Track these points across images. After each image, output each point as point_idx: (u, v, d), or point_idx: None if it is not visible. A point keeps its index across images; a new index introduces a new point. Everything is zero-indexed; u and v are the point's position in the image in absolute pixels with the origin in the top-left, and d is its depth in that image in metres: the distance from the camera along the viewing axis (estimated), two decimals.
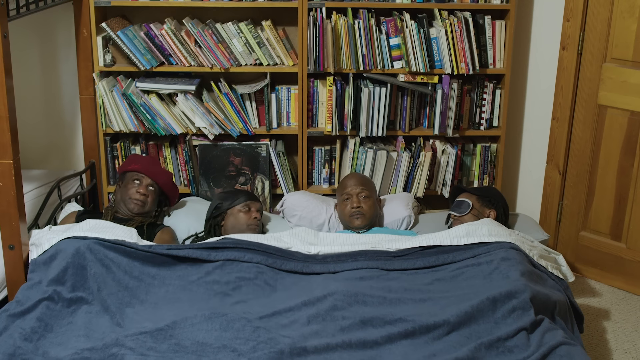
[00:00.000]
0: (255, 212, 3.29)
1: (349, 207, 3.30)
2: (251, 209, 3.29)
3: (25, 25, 3.75)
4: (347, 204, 3.32)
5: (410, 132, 3.74)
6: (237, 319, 2.44)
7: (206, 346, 2.34)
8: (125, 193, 3.24)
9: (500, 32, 3.64)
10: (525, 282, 2.57)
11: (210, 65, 3.59)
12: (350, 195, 3.32)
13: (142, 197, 3.22)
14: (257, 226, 3.27)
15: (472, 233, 2.97)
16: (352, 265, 2.81)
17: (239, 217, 3.26)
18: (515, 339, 2.35)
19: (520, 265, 2.70)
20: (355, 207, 3.28)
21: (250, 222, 3.25)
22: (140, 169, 3.27)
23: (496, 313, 2.46)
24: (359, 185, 3.35)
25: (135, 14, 3.71)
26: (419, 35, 3.53)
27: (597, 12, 3.47)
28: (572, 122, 3.67)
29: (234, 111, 3.64)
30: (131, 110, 3.62)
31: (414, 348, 2.34)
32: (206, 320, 2.44)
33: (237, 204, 3.29)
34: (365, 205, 3.30)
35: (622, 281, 3.65)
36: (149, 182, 3.26)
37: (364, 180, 3.42)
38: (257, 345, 2.33)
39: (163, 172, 3.36)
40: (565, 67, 3.61)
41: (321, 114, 3.72)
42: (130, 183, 3.25)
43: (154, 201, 3.29)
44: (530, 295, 2.49)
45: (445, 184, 3.77)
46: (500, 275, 2.65)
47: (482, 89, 3.72)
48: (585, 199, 3.69)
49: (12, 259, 2.85)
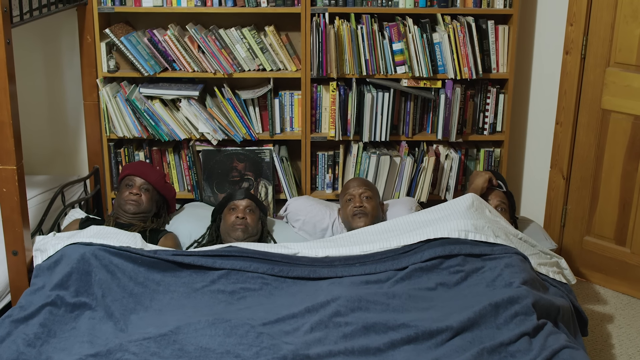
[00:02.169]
0: (240, 211, 3.21)
1: (351, 207, 3.28)
2: (237, 208, 3.23)
3: (29, 31, 3.76)
4: (349, 204, 3.30)
5: (414, 137, 3.74)
6: (240, 324, 2.44)
7: (209, 351, 2.33)
8: (120, 198, 3.27)
9: (503, 36, 3.64)
10: (528, 289, 2.56)
11: (214, 71, 3.60)
12: (353, 196, 3.31)
13: (135, 196, 3.23)
14: (243, 226, 3.18)
15: (480, 229, 2.93)
16: (360, 270, 2.80)
17: (227, 219, 3.22)
18: (518, 343, 2.34)
19: (524, 273, 2.69)
20: (357, 206, 3.27)
21: (233, 221, 3.19)
22: (130, 172, 3.30)
23: (498, 318, 2.45)
24: (361, 186, 3.35)
25: (138, 20, 3.72)
26: (422, 40, 3.53)
27: (600, 17, 3.46)
28: (576, 126, 3.66)
29: (237, 117, 3.64)
30: (135, 116, 3.62)
31: (417, 353, 2.33)
32: (210, 325, 2.44)
33: (227, 203, 3.27)
34: (369, 205, 3.29)
35: (626, 286, 3.63)
36: (140, 182, 3.27)
37: (367, 182, 3.43)
38: (260, 351, 2.32)
39: (153, 172, 3.35)
40: (569, 72, 3.61)
41: (324, 119, 3.72)
42: (124, 188, 3.28)
43: (150, 200, 3.28)
44: (533, 300, 2.48)
45: (448, 189, 3.77)
46: (503, 282, 2.64)
47: (485, 93, 3.72)
48: (590, 203, 3.68)
49: (15, 265, 2.85)
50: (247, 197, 3.27)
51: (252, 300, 2.70)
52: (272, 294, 2.74)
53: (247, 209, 3.23)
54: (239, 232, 3.16)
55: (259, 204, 3.32)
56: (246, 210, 3.23)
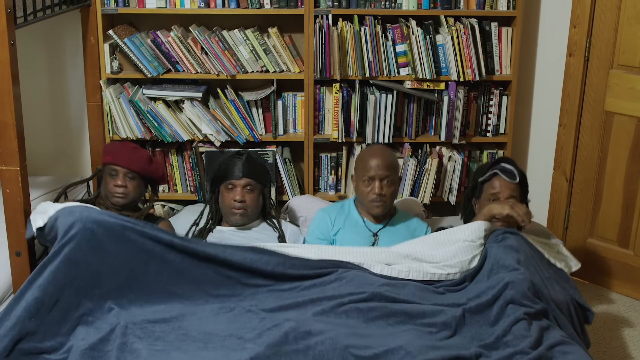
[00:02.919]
0: (239, 192, 2.95)
1: (370, 193, 3.01)
2: (235, 188, 2.98)
3: (32, 32, 3.77)
4: (368, 187, 3.01)
5: (417, 139, 3.74)
6: (244, 312, 2.45)
7: (213, 335, 2.34)
8: (106, 189, 3.10)
9: (506, 38, 3.64)
10: (523, 271, 2.50)
11: (217, 72, 3.60)
12: (374, 179, 3.00)
13: (121, 188, 3.06)
14: (242, 210, 2.99)
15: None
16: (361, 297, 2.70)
17: (224, 198, 3.01)
18: (514, 329, 2.31)
19: (518, 254, 2.62)
20: (377, 193, 2.99)
21: (231, 204, 2.98)
22: (112, 160, 3.09)
23: (493, 310, 2.43)
24: (383, 168, 3.00)
25: (142, 22, 3.73)
26: (425, 42, 3.53)
27: (603, 19, 3.46)
28: (579, 128, 3.66)
29: (240, 118, 3.64)
30: (138, 117, 3.63)
31: (418, 335, 2.35)
32: (214, 315, 2.45)
33: (224, 180, 3.04)
34: (388, 192, 3.02)
35: (629, 288, 3.63)
36: (124, 171, 3.07)
37: (390, 161, 3.05)
38: (263, 332, 2.32)
39: (137, 158, 3.11)
40: (572, 74, 3.61)
41: (327, 120, 3.72)
42: (108, 177, 3.09)
43: (137, 188, 3.11)
44: (528, 285, 2.44)
45: (451, 191, 3.77)
46: (498, 266, 2.58)
47: (488, 95, 3.72)
48: (593, 205, 3.68)
49: (19, 266, 2.85)
50: (245, 175, 3.03)
51: (261, 295, 2.69)
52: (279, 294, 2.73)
53: (247, 188, 3.03)
54: (238, 217, 3.04)
55: (259, 177, 3.10)
56: (245, 190, 3.03)
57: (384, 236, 3.11)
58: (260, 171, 3.12)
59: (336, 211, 3.18)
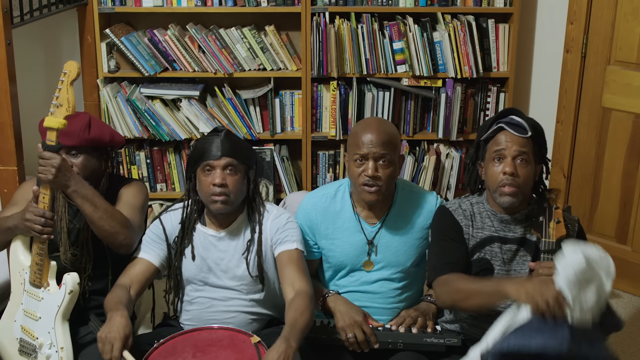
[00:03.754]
0: (218, 175, 2.33)
1: (362, 175, 2.39)
2: (214, 170, 2.35)
3: (29, 32, 3.76)
4: (359, 168, 2.39)
5: (414, 136, 3.74)
6: None
7: None
8: None
9: (503, 35, 3.64)
10: None
11: (214, 71, 3.60)
12: (367, 159, 2.38)
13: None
14: (223, 196, 2.33)
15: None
16: None
17: (202, 182, 2.38)
18: None
19: None
20: (370, 175, 2.37)
21: (210, 190, 2.34)
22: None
23: None
24: (380, 146, 2.37)
25: (139, 20, 3.72)
26: (422, 39, 3.53)
27: (600, 15, 3.46)
28: (577, 125, 3.66)
29: (237, 116, 3.64)
30: (135, 116, 3.63)
31: None
32: None
33: (200, 162, 2.38)
34: (385, 174, 2.38)
35: (627, 284, 3.63)
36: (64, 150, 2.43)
37: (388, 136, 2.40)
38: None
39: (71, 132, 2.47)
40: (569, 70, 3.61)
41: (325, 118, 3.72)
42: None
43: (85, 161, 2.47)
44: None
45: (449, 188, 3.77)
46: None
47: (485, 92, 3.72)
48: (590, 202, 3.69)
49: None
50: (225, 153, 2.34)
51: None
52: None
53: (228, 169, 2.35)
54: (219, 205, 2.35)
55: (242, 156, 2.39)
56: (225, 171, 2.35)
57: (382, 244, 2.51)
58: (243, 149, 2.43)
59: (321, 210, 2.55)
